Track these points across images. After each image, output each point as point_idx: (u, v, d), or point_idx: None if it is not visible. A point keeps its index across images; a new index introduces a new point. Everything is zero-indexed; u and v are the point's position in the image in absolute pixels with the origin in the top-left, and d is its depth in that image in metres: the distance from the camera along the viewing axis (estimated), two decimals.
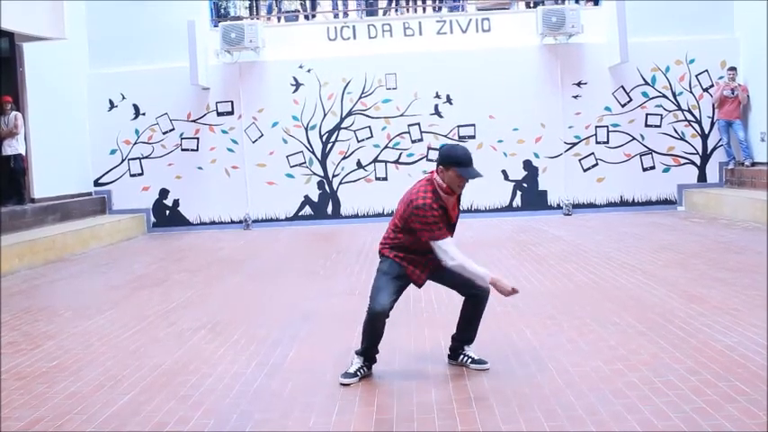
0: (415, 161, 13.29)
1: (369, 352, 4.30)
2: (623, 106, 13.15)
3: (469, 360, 4.36)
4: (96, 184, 13.61)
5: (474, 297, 4.31)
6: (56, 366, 4.85)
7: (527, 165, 13.29)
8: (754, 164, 12.27)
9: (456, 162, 4.03)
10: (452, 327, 5.32)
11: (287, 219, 13.45)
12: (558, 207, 13.23)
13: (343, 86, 13.33)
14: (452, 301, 6.23)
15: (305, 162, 13.43)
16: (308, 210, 13.44)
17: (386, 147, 13.32)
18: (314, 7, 15.00)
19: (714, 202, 12.06)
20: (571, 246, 9.29)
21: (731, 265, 7.35)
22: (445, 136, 13.22)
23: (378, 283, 4.24)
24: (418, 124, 13.26)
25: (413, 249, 4.21)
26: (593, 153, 13.22)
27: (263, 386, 4.25)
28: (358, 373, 4.24)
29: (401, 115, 13.25)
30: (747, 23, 12.62)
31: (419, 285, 4.35)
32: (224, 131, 13.46)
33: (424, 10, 14.49)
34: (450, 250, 4.07)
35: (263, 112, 13.41)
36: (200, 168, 13.49)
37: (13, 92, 11.51)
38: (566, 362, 4.41)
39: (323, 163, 13.41)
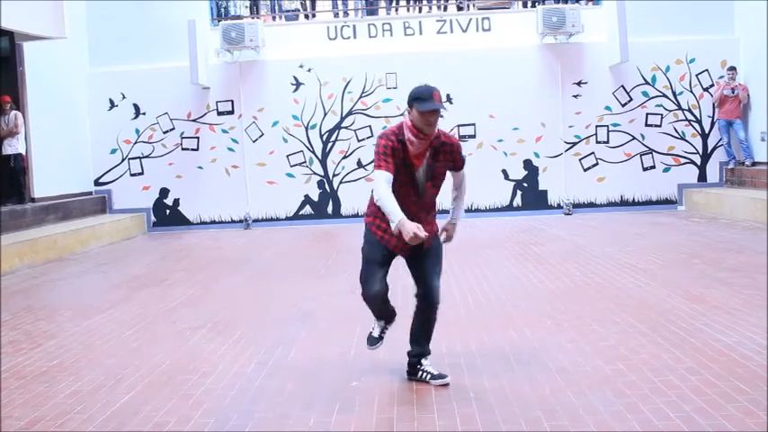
0: None
1: (385, 316, 4.27)
2: (623, 106, 13.15)
3: (429, 376, 4.10)
4: (96, 183, 13.62)
5: (421, 303, 4.07)
6: (56, 366, 4.85)
7: (527, 164, 13.29)
8: (754, 163, 12.27)
9: (414, 98, 3.88)
10: (453, 326, 5.36)
11: (287, 218, 13.45)
12: (559, 207, 13.23)
13: (343, 86, 13.33)
14: (453, 301, 6.24)
15: (305, 161, 13.43)
16: (308, 209, 13.44)
17: None
18: (314, 7, 15.00)
19: (714, 202, 12.06)
20: (571, 245, 9.29)
21: (731, 264, 7.35)
22: None
23: (363, 267, 4.07)
24: None
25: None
26: (593, 152, 13.22)
27: (264, 386, 4.25)
28: (382, 336, 4.31)
29: (401, 115, 13.07)
30: (747, 23, 12.62)
31: (397, 253, 4.05)
32: (224, 131, 13.46)
33: (421, 9, 14.48)
34: (377, 182, 3.83)
35: (263, 111, 13.41)
36: (200, 168, 13.49)
37: (12, 91, 11.51)
38: (566, 361, 4.41)
39: (323, 162, 13.41)
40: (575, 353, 4.59)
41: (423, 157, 3.96)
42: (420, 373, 4.14)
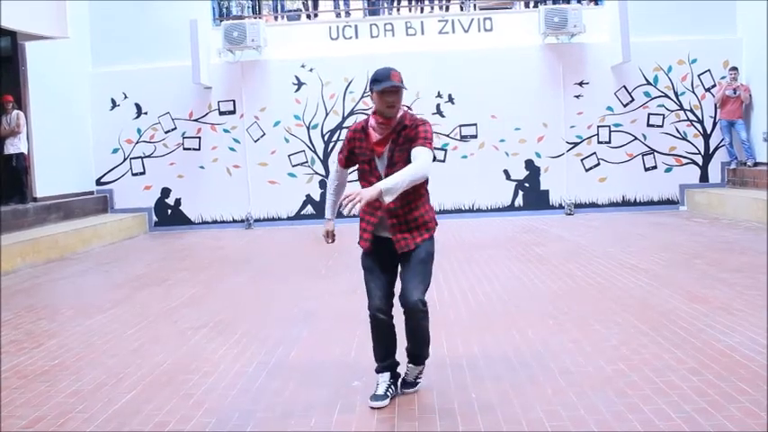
0: None
1: (388, 364, 3.91)
2: (625, 106, 13.14)
3: (402, 379, 3.97)
4: (98, 182, 13.63)
5: (405, 311, 3.74)
6: (57, 365, 4.86)
7: (529, 164, 13.29)
8: (756, 164, 12.25)
9: (372, 81, 3.72)
10: (455, 326, 5.37)
11: (288, 218, 13.45)
12: (560, 207, 13.22)
13: (345, 86, 13.33)
14: (455, 301, 6.24)
15: (307, 161, 13.43)
16: (309, 209, 13.44)
17: None
18: (316, 6, 15.00)
19: (716, 202, 12.05)
20: (573, 245, 9.28)
21: (733, 265, 7.34)
22: (447, 135, 13.22)
23: (365, 281, 3.87)
24: None
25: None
26: (595, 153, 13.22)
27: (265, 385, 4.24)
28: (387, 394, 3.83)
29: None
30: (749, 23, 12.61)
31: (365, 250, 3.85)
32: (226, 131, 13.47)
33: (423, 10, 14.48)
34: (330, 176, 4.17)
35: (264, 111, 13.41)
36: (201, 167, 13.50)
37: (15, 91, 11.52)
38: (568, 362, 4.41)
39: (325, 162, 13.41)
40: (577, 353, 4.59)
41: (385, 144, 3.76)
42: (405, 369, 3.98)
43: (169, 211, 13.61)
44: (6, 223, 10.30)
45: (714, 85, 12.96)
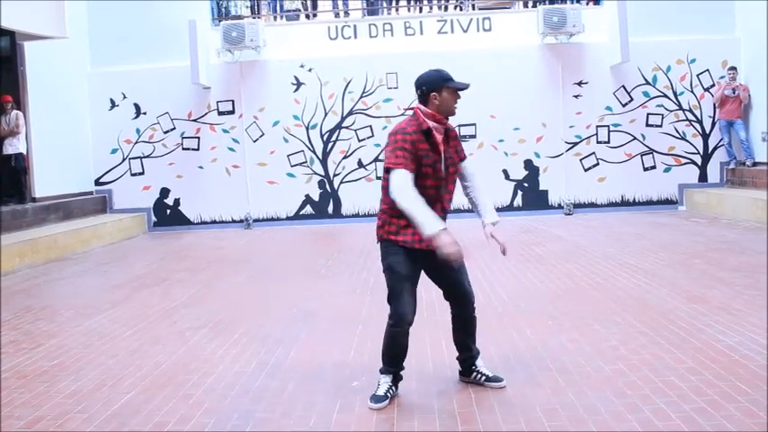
0: None
1: (395, 370, 3.93)
2: (624, 106, 13.14)
3: (483, 378, 4.02)
4: (97, 183, 13.62)
5: (458, 308, 3.96)
6: (56, 365, 4.86)
7: (528, 164, 13.29)
8: (755, 164, 12.26)
9: (447, 79, 3.73)
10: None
11: (288, 218, 13.45)
12: (559, 207, 13.23)
13: (344, 86, 13.33)
14: None
15: (306, 161, 13.43)
16: (308, 209, 13.44)
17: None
18: (315, 6, 15.00)
19: (715, 202, 12.06)
20: (572, 245, 9.28)
21: (732, 264, 7.34)
22: None
23: (390, 287, 3.80)
24: None
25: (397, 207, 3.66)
26: (594, 153, 13.22)
27: (264, 385, 4.24)
28: (388, 395, 3.85)
29: (402, 114, 13.17)
30: (748, 23, 12.62)
31: (421, 250, 3.73)
32: (225, 131, 13.46)
33: (422, 9, 14.48)
34: (401, 184, 3.57)
35: (263, 111, 13.41)
36: (200, 167, 13.49)
37: (14, 91, 11.52)
38: (567, 361, 4.41)
39: (324, 162, 13.41)
40: (576, 353, 4.59)
41: (444, 144, 3.80)
42: (475, 374, 4.06)
43: (168, 211, 13.61)
44: (5, 223, 10.30)
45: (713, 85, 12.97)
